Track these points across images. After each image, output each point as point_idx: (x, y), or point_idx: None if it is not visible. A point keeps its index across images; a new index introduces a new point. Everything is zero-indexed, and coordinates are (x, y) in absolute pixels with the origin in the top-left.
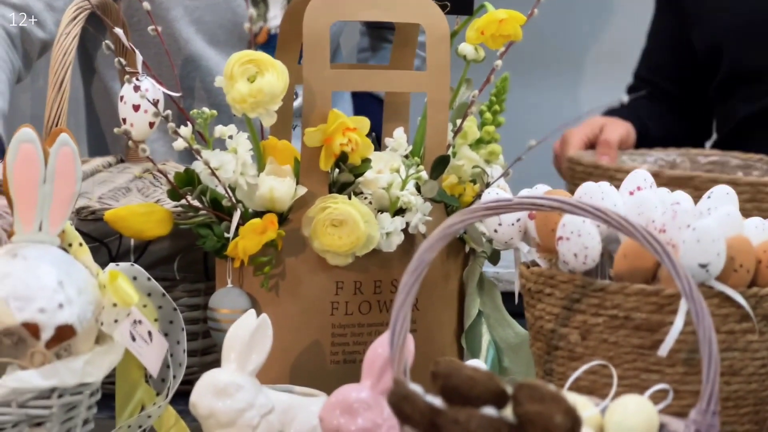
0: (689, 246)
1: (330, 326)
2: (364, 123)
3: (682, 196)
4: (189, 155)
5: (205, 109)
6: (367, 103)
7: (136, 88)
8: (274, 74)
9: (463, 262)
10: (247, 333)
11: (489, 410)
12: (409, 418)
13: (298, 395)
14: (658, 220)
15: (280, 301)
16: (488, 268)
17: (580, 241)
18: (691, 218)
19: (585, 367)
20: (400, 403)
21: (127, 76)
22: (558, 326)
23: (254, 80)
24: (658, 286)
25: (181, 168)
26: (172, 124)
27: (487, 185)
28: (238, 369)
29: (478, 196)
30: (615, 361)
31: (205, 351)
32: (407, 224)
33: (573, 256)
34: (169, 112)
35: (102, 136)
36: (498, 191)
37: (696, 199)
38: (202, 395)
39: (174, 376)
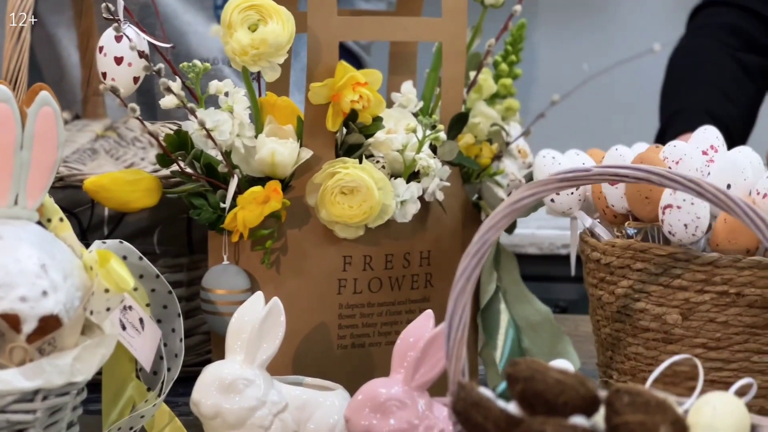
0: None
1: (337, 306)
2: (376, 76)
3: None
4: (145, 115)
5: (197, 62)
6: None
7: (119, 38)
8: (278, 22)
9: None
10: (257, 319)
11: (579, 419)
12: (480, 428)
13: (312, 388)
14: (761, 185)
15: (281, 279)
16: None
17: (693, 210)
18: None
19: (673, 358)
20: (469, 410)
21: (115, 25)
22: (651, 305)
23: (256, 29)
24: None
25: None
26: (165, 80)
27: (507, 144)
28: (246, 361)
29: (497, 157)
30: (722, 343)
31: (188, 333)
32: (423, 191)
33: (683, 227)
34: (161, 65)
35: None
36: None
37: None
38: (206, 392)
39: (168, 369)
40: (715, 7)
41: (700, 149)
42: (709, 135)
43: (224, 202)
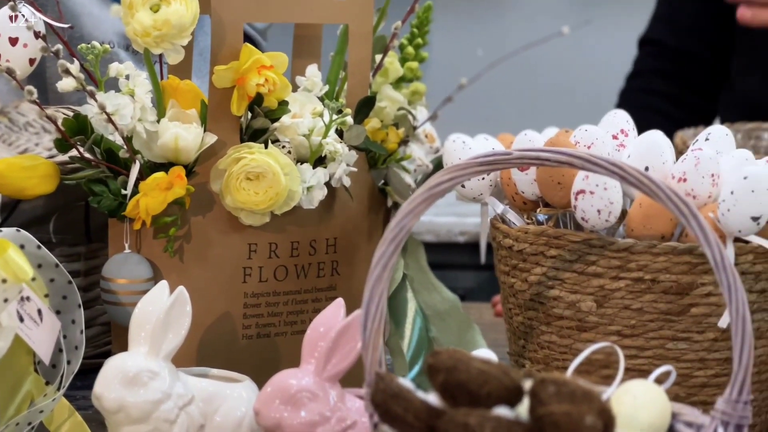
0: (741, 197)
1: (242, 295)
2: (282, 59)
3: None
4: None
5: (96, 44)
6: None
7: (14, 17)
8: (181, 3)
9: (385, 218)
10: (161, 309)
11: (503, 410)
12: (399, 420)
13: (218, 380)
14: (677, 168)
15: (184, 267)
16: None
17: (606, 195)
18: (715, 166)
19: (594, 346)
20: (389, 401)
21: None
22: (565, 293)
23: (158, 9)
24: (691, 244)
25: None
26: (63, 61)
27: (414, 129)
28: (150, 353)
29: (404, 141)
30: (637, 331)
31: (86, 324)
32: (330, 176)
33: (596, 213)
34: (59, 46)
35: None
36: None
37: None
38: (108, 386)
39: (68, 362)
40: (651, 46)
41: (611, 133)
42: (619, 119)
43: (126, 189)
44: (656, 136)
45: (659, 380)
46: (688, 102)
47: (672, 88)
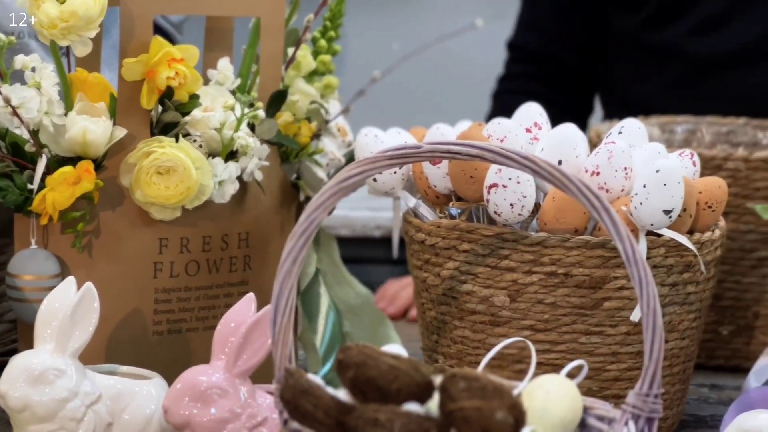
0: (654, 190)
1: (152, 291)
2: (192, 52)
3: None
4: None
5: (1, 35)
6: None
7: None
8: None
9: (297, 212)
10: (68, 306)
11: (413, 406)
12: (309, 416)
13: (127, 377)
14: (590, 162)
15: (93, 263)
16: None
17: (519, 189)
18: (628, 159)
19: (503, 343)
20: (298, 398)
21: None
22: (478, 287)
23: (65, 1)
24: (603, 238)
25: None
26: None
27: (326, 123)
28: (57, 350)
29: (316, 135)
30: (550, 325)
31: None
32: (242, 171)
33: (509, 207)
34: None
35: None
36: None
37: None
38: (13, 384)
39: None
40: (519, 51)
41: (524, 126)
42: (532, 111)
43: (32, 183)
44: (570, 129)
45: (572, 374)
46: (561, 102)
47: (544, 89)
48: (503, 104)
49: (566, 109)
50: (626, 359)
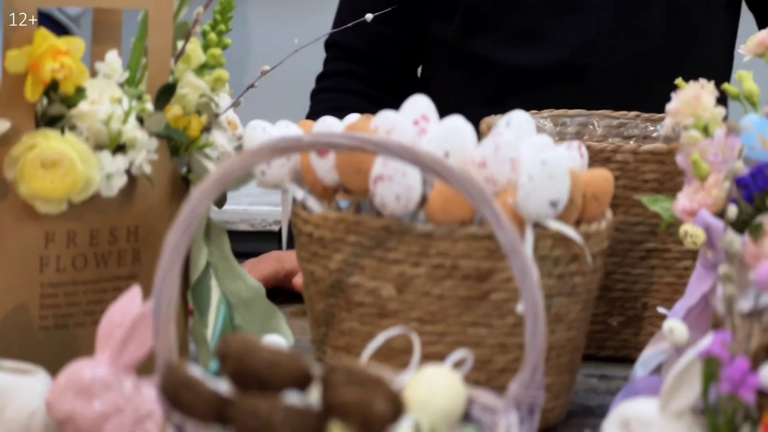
0: (540, 182)
1: (38, 286)
2: (78, 45)
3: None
4: None
5: None
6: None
7: None
8: None
9: None
10: None
11: (292, 397)
12: (190, 409)
13: (9, 373)
14: (477, 154)
15: None
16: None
17: (404, 181)
18: (514, 151)
19: (386, 334)
20: (178, 391)
21: None
22: (365, 279)
23: None
24: (490, 229)
25: None
26: None
27: (216, 116)
28: None
29: (206, 129)
30: (437, 317)
31: None
32: (130, 164)
33: (395, 199)
34: None
35: None
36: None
37: None
38: None
39: None
40: (340, 50)
41: (412, 118)
42: (420, 104)
43: None
44: (457, 121)
45: (458, 366)
46: (383, 101)
47: (365, 87)
48: (324, 103)
49: (388, 108)
50: (513, 350)
